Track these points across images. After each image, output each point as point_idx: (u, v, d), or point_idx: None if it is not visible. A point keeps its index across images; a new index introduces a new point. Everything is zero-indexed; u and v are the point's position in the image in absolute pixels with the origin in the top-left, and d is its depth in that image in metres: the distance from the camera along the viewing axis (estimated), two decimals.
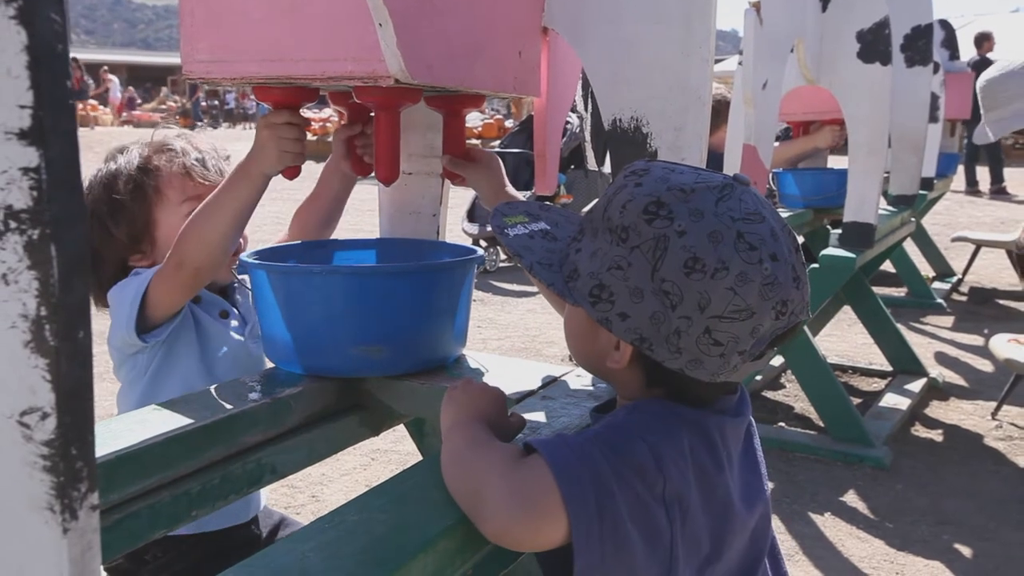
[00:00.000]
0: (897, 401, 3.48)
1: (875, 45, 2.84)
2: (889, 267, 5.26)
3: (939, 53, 4.82)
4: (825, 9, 2.86)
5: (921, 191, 4.03)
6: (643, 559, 0.73)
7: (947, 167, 5.45)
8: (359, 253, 1.41)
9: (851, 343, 4.37)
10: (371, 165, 1.30)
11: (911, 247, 5.47)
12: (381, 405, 1.19)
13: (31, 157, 0.37)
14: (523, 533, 0.73)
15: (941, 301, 5.22)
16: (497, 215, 0.89)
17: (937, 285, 5.68)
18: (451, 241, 1.43)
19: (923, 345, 4.35)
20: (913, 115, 3.65)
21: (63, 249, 0.38)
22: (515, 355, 4.07)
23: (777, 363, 3.76)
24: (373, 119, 1.22)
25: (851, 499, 2.73)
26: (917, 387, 3.63)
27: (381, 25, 0.96)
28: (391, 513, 0.78)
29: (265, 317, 1.18)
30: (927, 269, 5.85)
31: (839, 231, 3.07)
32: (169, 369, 1.33)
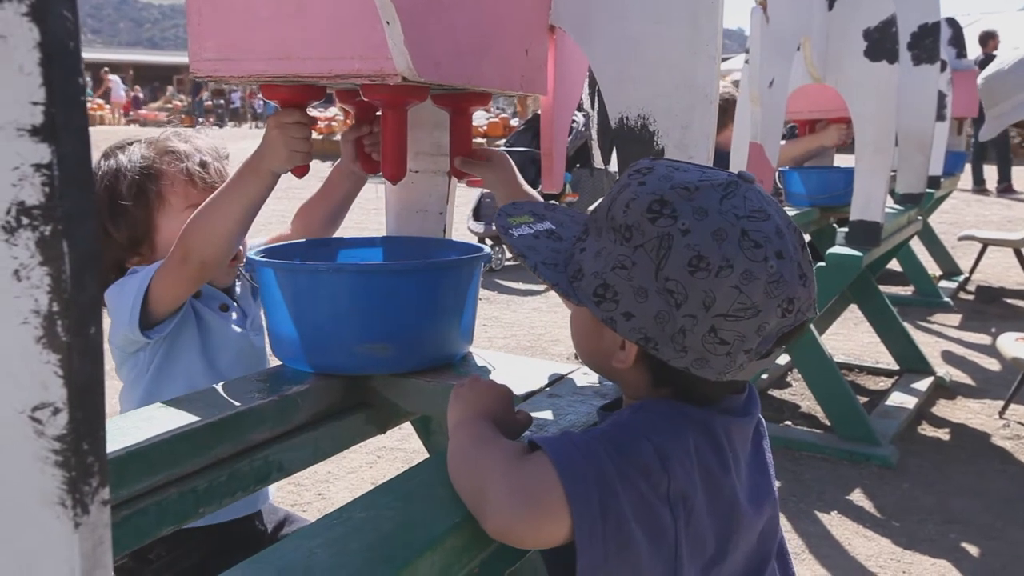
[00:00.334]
0: (904, 400, 3.47)
1: (882, 43, 2.83)
2: (896, 266, 5.25)
3: (946, 51, 4.80)
4: (832, 7, 2.86)
5: (928, 189, 4.02)
6: (648, 558, 0.73)
7: (954, 165, 5.42)
8: (365, 251, 1.41)
9: (858, 342, 4.36)
10: (379, 163, 1.30)
11: (918, 246, 5.45)
12: (387, 403, 1.19)
13: (43, 153, 0.37)
14: (525, 530, 0.73)
15: (948, 300, 5.21)
16: (502, 215, 0.88)
17: (944, 284, 5.67)
18: (457, 239, 1.44)
19: (930, 344, 4.34)
20: (920, 113, 3.64)
21: (75, 245, 0.38)
22: (521, 353, 4.06)
23: (784, 362, 3.75)
24: (380, 117, 1.23)
25: (858, 498, 2.72)
26: (924, 386, 3.62)
27: (388, 23, 0.97)
28: (398, 510, 0.78)
29: (272, 315, 1.19)
30: (934, 268, 5.83)
31: (846, 230, 3.06)
32: (171, 365, 1.33)
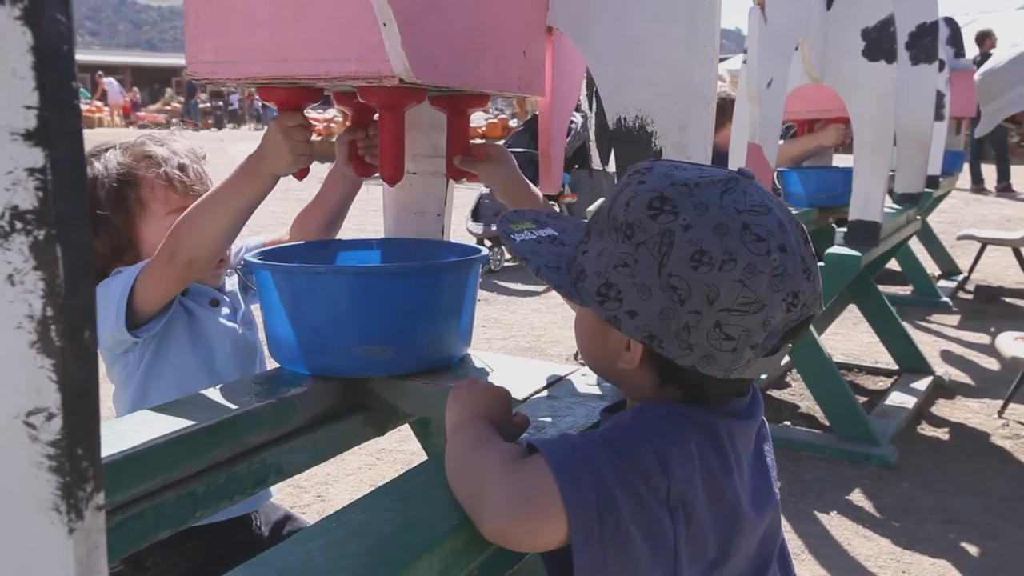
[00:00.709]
0: (903, 400, 3.47)
1: (880, 43, 2.83)
2: (895, 265, 5.25)
3: (944, 51, 4.80)
4: (830, 7, 2.86)
5: (927, 189, 4.02)
6: (647, 562, 0.72)
7: (952, 165, 5.43)
8: (363, 253, 1.41)
9: (857, 342, 4.36)
10: (373, 166, 1.30)
11: (917, 245, 5.45)
12: (386, 405, 1.19)
13: (37, 158, 0.37)
14: (522, 533, 0.73)
15: (947, 299, 5.21)
16: (504, 222, 0.88)
17: (943, 283, 5.67)
18: (455, 241, 1.44)
19: (929, 343, 4.34)
20: (918, 113, 3.64)
21: (69, 250, 0.38)
22: (520, 355, 4.06)
23: (783, 362, 3.75)
24: (377, 119, 1.22)
25: (857, 498, 2.72)
26: (923, 385, 3.62)
27: (385, 25, 0.96)
28: (397, 512, 0.78)
29: (270, 317, 1.18)
30: (933, 267, 5.83)
31: (844, 229, 3.06)
32: (162, 363, 1.32)
